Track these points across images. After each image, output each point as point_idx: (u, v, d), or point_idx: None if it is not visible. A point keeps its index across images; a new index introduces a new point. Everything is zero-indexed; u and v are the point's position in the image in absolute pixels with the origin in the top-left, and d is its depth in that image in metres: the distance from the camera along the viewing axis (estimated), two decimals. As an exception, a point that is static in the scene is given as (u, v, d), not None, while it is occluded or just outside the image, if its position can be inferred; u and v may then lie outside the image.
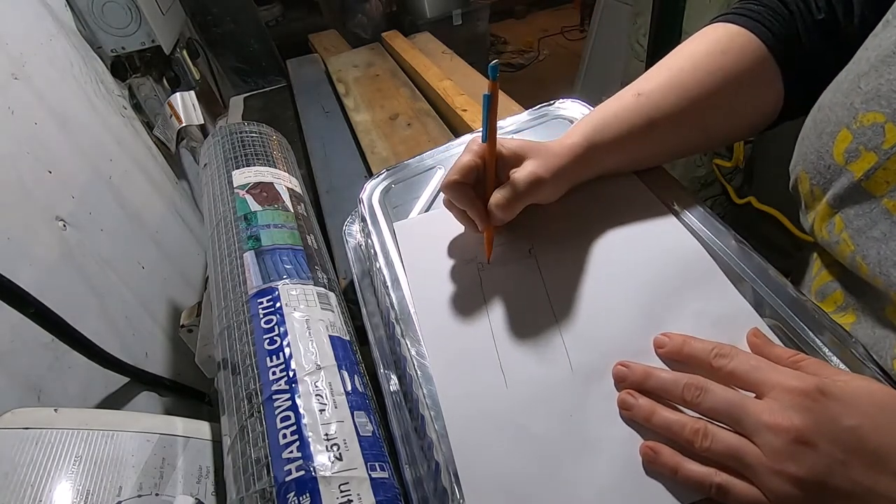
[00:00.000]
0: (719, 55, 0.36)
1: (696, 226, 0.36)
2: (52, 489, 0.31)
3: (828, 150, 0.30)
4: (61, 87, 0.73)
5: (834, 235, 0.31)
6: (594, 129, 0.37)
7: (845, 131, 0.29)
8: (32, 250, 0.54)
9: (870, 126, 0.27)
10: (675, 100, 0.36)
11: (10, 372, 0.46)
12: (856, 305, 0.32)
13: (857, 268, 0.29)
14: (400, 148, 0.78)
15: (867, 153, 0.27)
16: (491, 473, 0.28)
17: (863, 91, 0.28)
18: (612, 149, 0.37)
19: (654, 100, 0.37)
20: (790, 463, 0.22)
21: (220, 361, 0.37)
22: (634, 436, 0.28)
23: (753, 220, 0.95)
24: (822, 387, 0.23)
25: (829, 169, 0.30)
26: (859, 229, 0.28)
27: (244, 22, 1.31)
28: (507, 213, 0.35)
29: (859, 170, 0.28)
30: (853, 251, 0.29)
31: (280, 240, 0.43)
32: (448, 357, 0.33)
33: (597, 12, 1.63)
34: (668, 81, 0.37)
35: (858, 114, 0.28)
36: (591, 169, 0.38)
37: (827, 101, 0.31)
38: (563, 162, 0.36)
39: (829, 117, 0.30)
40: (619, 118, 0.37)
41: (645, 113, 0.37)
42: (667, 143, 0.39)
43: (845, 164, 0.29)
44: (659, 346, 0.30)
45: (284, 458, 0.29)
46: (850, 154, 0.28)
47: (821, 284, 0.35)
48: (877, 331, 0.29)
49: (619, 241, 0.36)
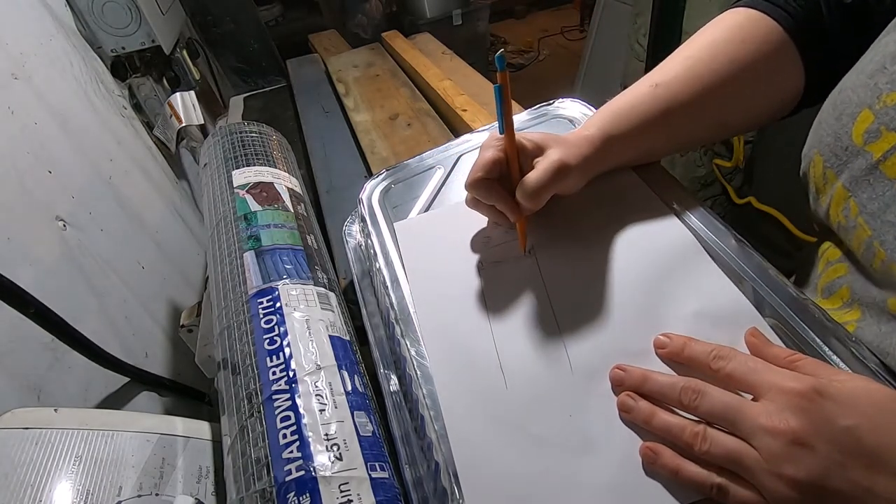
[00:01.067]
0: (738, 44, 0.35)
1: (697, 226, 0.36)
2: (52, 489, 0.31)
3: (847, 131, 0.29)
4: (61, 87, 0.73)
5: (850, 220, 0.30)
6: (610, 122, 0.37)
7: (867, 111, 0.28)
8: (32, 250, 0.54)
9: (893, 106, 0.27)
10: (692, 90, 0.35)
11: (10, 372, 0.46)
12: (862, 301, 0.31)
13: (874, 254, 0.29)
14: (400, 148, 0.78)
15: (889, 133, 0.27)
16: (490, 473, 0.28)
17: (889, 72, 0.27)
18: (629, 140, 0.37)
19: (671, 90, 0.36)
20: (788, 465, 0.22)
21: (220, 361, 0.37)
22: (634, 436, 0.28)
23: (753, 220, 0.95)
24: (819, 387, 0.23)
25: (847, 150, 0.29)
26: (874, 213, 0.28)
27: (244, 22, 1.31)
28: (536, 201, 0.34)
29: (879, 150, 0.27)
30: (870, 236, 0.28)
31: (280, 240, 0.43)
32: (448, 357, 0.33)
33: (597, 12, 1.63)
34: (685, 71, 0.36)
35: (883, 94, 0.27)
36: (610, 160, 0.38)
37: (849, 83, 0.30)
38: (585, 152, 0.36)
39: (850, 98, 0.29)
40: (636, 109, 0.37)
41: (662, 104, 0.36)
42: (683, 133, 0.38)
43: (864, 145, 0.28)
44: (659, 347, 0.30)
45: (284, 458, 0.29)
46: (870, 135, 0.28)
47: (828, 281, 0.35)
48: (882, 327, 0.29)
49: (619, 242, 0.36)
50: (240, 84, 1.37)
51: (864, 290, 0.31)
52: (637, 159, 0.40)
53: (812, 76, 0.35)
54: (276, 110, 1.09)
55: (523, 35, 2.74)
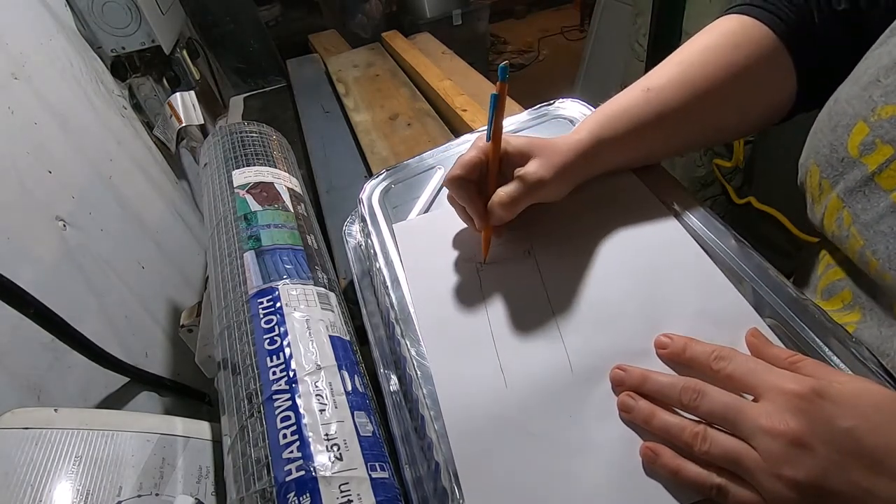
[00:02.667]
0: (731, 49, 0.35)
1: (697, 226, 0.36)
2: (52, 489, 0.31)
3: (842, 142, 0.30)
4: (61, 87, 0.73)
5: (843, 230, 0.30)
6: (602, 125, 0.37)
7: (862, 124, 0.28)
8: (32, 250, 0.54)
9: (888, 119, 0.27)
10: (684, 94, 0.36)
11: (10, 372, 0.46)
12: (863, 304, 0.31)
13: (867, 263, 0.29)
14: (400, 148, 0.78)
15: (883, 146, 0.27)
16: (491, 473, 0.28)
17: (883, 84, 0.27)
18: (620, 145, 0.37)
19: (663, 95, 0.36)
20: (787, 467, 0.22)
21: (220, 361, 0.37)
22: (634, 436, 0.28)
23: (753, 220, 0.95)
24: (819, 388, 0.23)
25: (843, 162, 0.30)
26: (867, 224, 0.28)
27: (244, 22, 1.31)
28: (508, 211, 0.35)
29: (874, 163, 0.28)
30: (862, 246, 0.29)
31: (280, 240, 0.43)
32: (447, 357, 0.33)
33: (597, 12, 1.63)
34: (678, 76, 0.36)
35: (877, 107, 0.28)
36: (598, 165, 0.38)
37: (844, 94, 0.31)
38: (569, 159, 0.36)
39: (845, 110, 0.30)
40: (629, 113, 0.37)
41: (654, 108, 0.36)
42: (676, 138, 0.38)
43: (859, 157, 0.28)
44: (661, 347, 0.30)
45: (284, 458, 0.29)
46: (866, 147, 0.28)
47: (828, 283, 0.35)
48: (883, 330, 0.29)
49: (618, 242, 0.36)
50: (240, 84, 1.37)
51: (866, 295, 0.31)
52: (631, 163, 0.40)
53: (805, 82, 0.35)
54: (276, 110, 1.09)
55: (523, 35, 2.74)
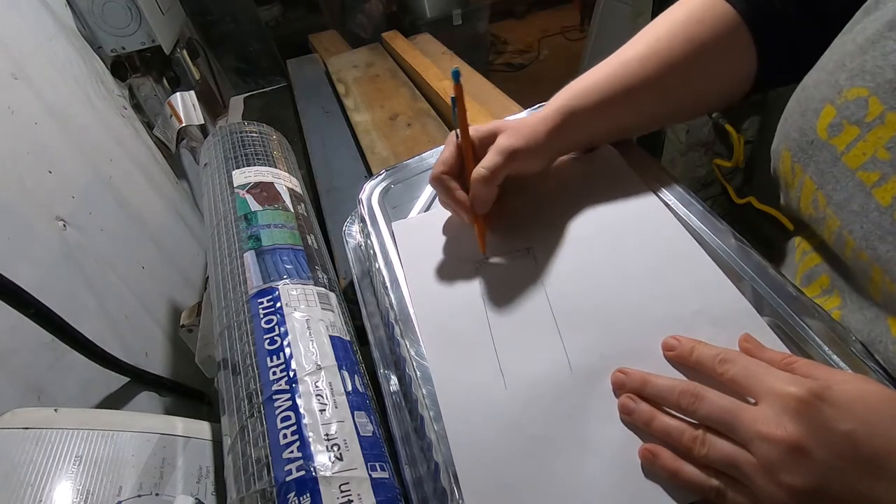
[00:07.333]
0: (694, 24, 0.37)
1: (696, 225, 0.36)
2: (52, 489, 0.31)
3: (811, 126, 0.30)
4: (61, 87, 0.73)
5: (819, 211, 0.31)
6: (573, 97, 0.39)
7: (829, 107, 0.29)
8: (32, 250, 0.55)
9: (854, 100, 0.28)
10: (651, 68, 0.37)
11: (10, 372, 0.46)
12: (841, 287, 0.32)
13: (844, 243, 0.29)
14: (400, 148, 0.78)
15: (850, 126, 0.28)
16: (490, 474, 0.28)
17: (848, 68, 0.28)
18: (591, 116, 0.39)
19: (631, 68, 0.38)
20: (785, 473, 0.22)
21: (220, 361, 0.37)
22: (633, 437, 0.28)
23: (753, 220, 0.95)
24: (818, 391, 0.23)
25: (812, 144, 0.30)
26: (840, 204, 0.29)
27: (244, 22, 1.31)
28: (487, 185, 0.36)
29: (842, 143, 0.29)
30: (840, 226, 0.29)
31: (280, 240, 0.43)
32: (446, 357, 0.33)
33: (597, 12, 1.63)
34: (645, 50, 0.38)
35: (843, 89, 0.28)
36: (572, 136, 0.39)
37: (811, 80, 0.32)
38: (538, 129, 0.37)
39: (812, 95, 0.31)
40: (599, 86, 0.38)
41: (623, 81, 0.38)
42: (645, 110, 0.40)
43: (828, 139, 0.29)
44: (668, 350, 0.30)
45: (285, 458, 0.29)
46: (834, 128, 0.29)
47: (806, 269, 0.35)
48: (865, 312, 0.29)
49: (617, 242, 0.36)
50: (240, 84, 1.37)
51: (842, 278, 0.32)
52: (603, 136, 0.42)
53: (767, 59, 0.36)
54: (276, 110, 1.09)
55: (523, 35, 2.74)
